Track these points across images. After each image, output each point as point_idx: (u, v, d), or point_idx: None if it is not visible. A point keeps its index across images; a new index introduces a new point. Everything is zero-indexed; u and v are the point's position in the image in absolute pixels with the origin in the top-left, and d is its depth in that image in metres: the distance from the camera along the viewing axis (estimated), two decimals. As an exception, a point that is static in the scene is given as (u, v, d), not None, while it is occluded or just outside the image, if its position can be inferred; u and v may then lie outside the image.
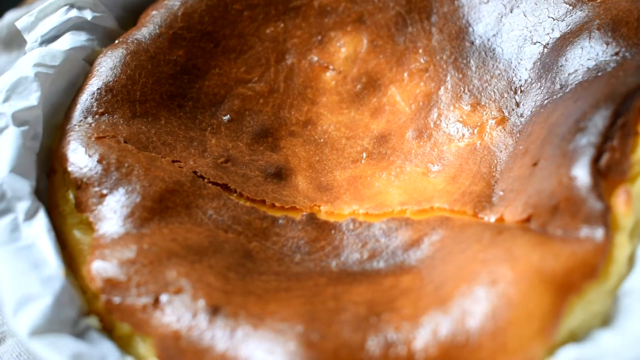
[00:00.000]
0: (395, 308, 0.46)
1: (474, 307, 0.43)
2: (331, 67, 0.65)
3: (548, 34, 0.58)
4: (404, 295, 0.47)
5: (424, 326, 0.44)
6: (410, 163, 0.58)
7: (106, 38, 0.66)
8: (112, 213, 0.52)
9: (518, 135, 0.56)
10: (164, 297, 0.47)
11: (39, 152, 0.57)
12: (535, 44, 0.59)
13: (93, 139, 0.56)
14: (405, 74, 0.63)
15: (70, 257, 0.54)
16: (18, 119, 0.56)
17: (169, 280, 0.48)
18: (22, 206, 0.52)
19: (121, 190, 0.53)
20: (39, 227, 0.51)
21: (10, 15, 0.87)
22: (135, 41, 0.62)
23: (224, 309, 0.46)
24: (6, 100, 0.56)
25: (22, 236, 0.51)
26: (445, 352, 0.43)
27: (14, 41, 0.86)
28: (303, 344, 0.43)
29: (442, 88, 0.61)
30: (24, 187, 0.53)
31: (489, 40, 0.62)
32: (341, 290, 0.48)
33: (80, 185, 0.54)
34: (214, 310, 0.46)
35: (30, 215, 0.52)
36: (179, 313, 0.46)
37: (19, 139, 0.55)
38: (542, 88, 0.57)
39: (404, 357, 0.43)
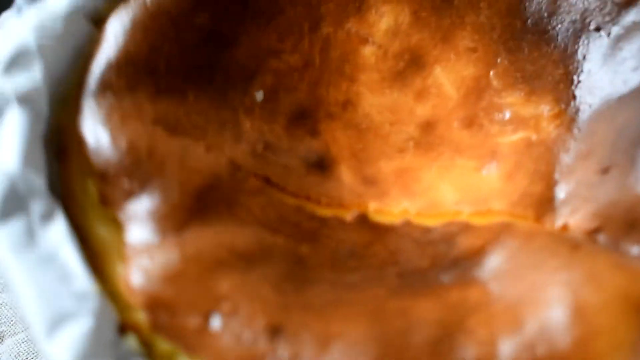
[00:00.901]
0: (468, 330, 0.43)
1: (559, 335, 0.41)
2: (370, 39, 0.59)
3: (611, 20, 0.55)
4: (474, 314, 0.44)
5: (504, 352, 0.42)
6: (460, 156, 0.55)
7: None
8: (146, 213, 0.46)
9: (577, 132, 0.54)
10: (217, 316, 0.43)
11: (46, 132, 0.50)
12: (595, 30, 0.55)
13: (116, 119, 0.49)
14: (452, 54, 0.58)
15: (92, 254, 0.48)
16: (21, 98, 0.49)
17: (221, 294, 0.43)
18: (37, 205, 0.46)
19: (154, 186, 0.47)
20: (59, 232, 0.45)
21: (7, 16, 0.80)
22: (154, 1, 0.54)
23: (285, 328, 0.43)
24: (6, 75, 0.49)
25: (41, 242, 0.45)
26: (530, 382, 0.41)
27: None
28: (380, 374, 0.41)
29: (492, 72, 0.57)
30: (37, 181, 0.47)
31: (542, 20, 0.58)
32: (406, 305, 0.45)
33: (105, 177, 0.48)
34: (275, 331, 0.43)
35: (47, 216, 0.46)
36: (236, 334, 0.42)
37: (25, 123, 0.48)
38: (603, 81, 0.54)
39: (485, 386, 0.41)
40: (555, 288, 0.43)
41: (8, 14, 0.69)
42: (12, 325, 0.65)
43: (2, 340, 0.64)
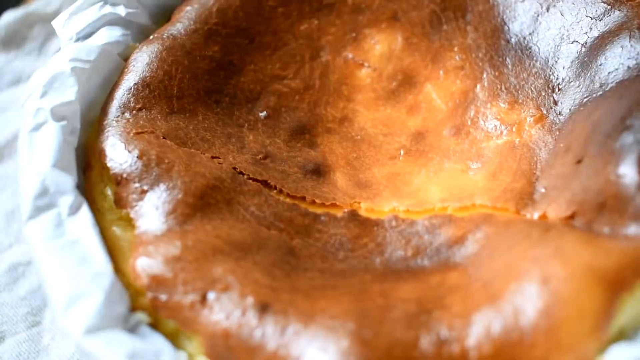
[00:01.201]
0: (445, 305, 0.46)
1: (527, 305, 0.44)
2: (366, 64, 0.66)
3: (586, 32, 0.59)
4: (452, 293, 0.47)
5: (476, 324, 0.44)
6: (448, 160, 0.59)
7: (140, 34, 0.66)
8: (153, 209, 0.52)
9: (557, 133, 0.57)
10: (211, 295, 0.48)
11: (76, 147, 0.58)
12: (573, 42, 0.60)
13: (132, 134, 0.56)
14: (441, 72, 0.64)
15: (109, 251, 0.54)
16: (57, 114, 0.56)
17: (216, 277, 0.48)
18: (66, 201, 0.52)
19: (162, 186, 0.53)
20: (84, 222, 0.51)
21: (8, 16, 0.89)
22: (171, 36, 0.62)
23: (273, 305, 0.47)
24: (44, 95, 0.57)
25: (67, 231, 0.51)
26: (499, 349, 0.43)
27: (13, 41, 0.88)
28: (356, 342, 0.44)
29: (478, 86, 0.62)
30: (66, 181, 0.53)
31: (524, 38, 0.63)
32: (388, 287, 0.49)
33: (120, 181, 0.54)
34: (263, 308, 0.47)
35: (74, 210, 0.52)
36: (227, 310, 0.47)
37: (59, 134, 0.56)
38: (580, 86, 0.58)
39: (457, 354, 0.43)
40: (525, 263, 0.46)
41: (11, 13, 0.77)
42: (14, 324, 0.66)
43: (4, 339, 0.65)
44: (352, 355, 0.43)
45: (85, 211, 0.52)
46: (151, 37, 0.64)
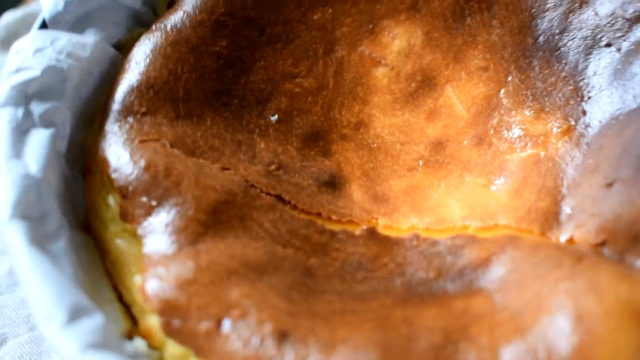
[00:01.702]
0: (470, 336, 0.46)
1: (560, 341, 0.43)
2: (383, 61, 0.63)
3: (622, 36, 0.58)
4: (477, 322, 0.47)
5: (505, 358, 0.44)
6: (469, 173, 0.58)
7: (132, 18, 0.64)
8: (162, 227, 0.51)
9: (585, 147, 0.56)
10: (227, 321, 0.47)
11: (66, 152, 0.56)
12: (606, 46, 0.58)
13: (137, 142, 0.54)
14: (463, 73, 0.62)
15: (112, 266, 0.53)
16: (45, 120, 0.54)
17: (231, 301, 0.47)
18: (50, 218, 0.51)
19: (171, 202, 0.52)
20: (61, 247, 0.50)
21: (7, 16, 0.89)
22: (175, 29, 0.60)
23: (293, 333, 0.46)
24: (33, 96, 0.54)
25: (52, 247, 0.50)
26: (530, 387, 0.43)
27: (12, 41, 0.86)
28: (382, 377, 0.44)
29: (502, 90, 0.60)
30: (51, 200, 0.52)
31: (554, 37, 0.61)
32: (411, 313, 0.48)
33: (126, 194, 0.52)
34: (282, 335, 0.46)
35: (56, 229, 0.51)
36: (244, 338, 0.46)
37: (48, 142, 0.53)
38: (613, 96, 0.56)
39: (485, 391, 0.43)
40: (558, 297, 0.46)
41: (10, 14, 0.76)
42: (15, 327, 0.66)
43: (6, 342, 0.65)
44: (377, 391, 0.43)
45: (65, 235, 0.51)
46: (153, 27, 0.61)
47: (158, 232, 0.51)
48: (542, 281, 0.47)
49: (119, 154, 0.54)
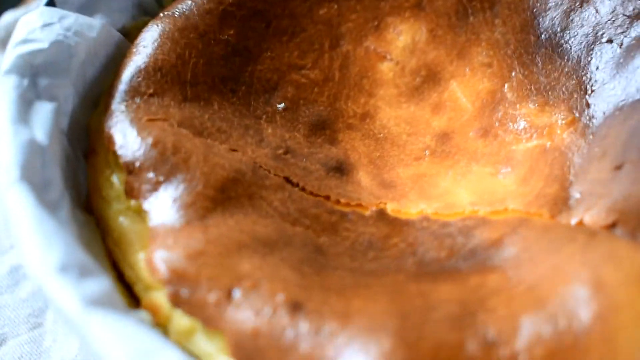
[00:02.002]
0: (488, 308, 0.45)
1: (580, 309, 0.43)
2: (388, 56, 0.64)
3: (622, 32, 0.59)
4: (494, 295, 0.46)
5: (525, 327, 0.43)
6: (476, 163, 0.58)
7: (138, 9, 0.64)
8: (170, 201, 0.50)
9: (591, 137, 0.57)
10: (237, 292, 0.45)
11: (67, 130, 0.55)
12: (608, 42, 0.60)
13: (144, 120, 0.54)
14: (467, 69, 0.63)
15: (115, 245, 0.52)
16: (49, 93, 0.54)
17: (242, 273, 0.46)
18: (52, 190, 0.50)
19: (179, 177, 0.51)
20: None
21: (8, 16, 0.89)
22: (183, 15, 0.60)
23: (306, 305, 0.45)
24: (39, 68, 0.54)
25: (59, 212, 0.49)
26: (552, 354, 0.42)
27: None
28: (400, 343, 0.42)
29: (506, 85, 0.62)
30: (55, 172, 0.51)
31: (556, 35, 0.62)
32: (425, 287, 0.47)
33: (132, 170, 0.52)
34: (295, 306, 0.45)
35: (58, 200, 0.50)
36: (256, 308, 0.45)
37: (50, 114, 0.53)
38: (616, 89, 0.58)
39: (506, 358, 0.42)
40: (575, 267, 0.45)
41: (11, 14, 0.76)
42: (15, 326, 0.66)
43: (5, 341, 0.64)
44: (396, 357, 0.42)
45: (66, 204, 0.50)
46: (161, 14, 0.61)
47: (165, 206, 0.50)
48: (556, 255, 0.47)
49: (126, 131, 0.53)
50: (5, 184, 0.47)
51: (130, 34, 0.62)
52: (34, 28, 0.56)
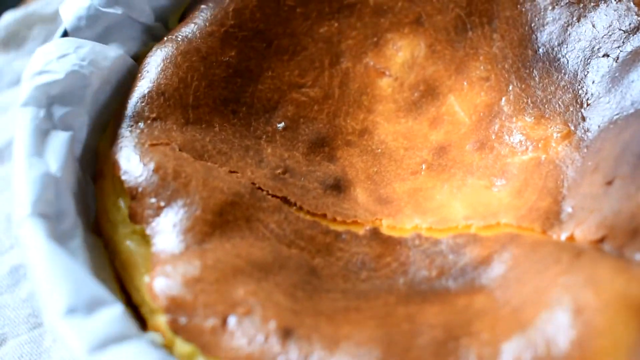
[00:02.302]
0: (472, 332, 0.47)
1: (559, 335, 0.45)
2: (387, 72, 0.66)
3: (618, 46, 0.60)
4: (479, 318, 0.48)
5: (506, 353, 0.45)
6: (472, 176, 0.60)
7: (145, 34, 0.67)
8: (170, 226, 0.53)
9: (585, 150, 0.58)
10: (232, 318, 0.48)
11: (80, 155, 0.58)
12: (604, 56, 0.60)
13: (147, 146, 0.56)
14: (465, 83, 0.64)
15: (122, 267, 0.55)
16: (64, 123, 0.57)
17: (237, 299, 0.49)
18: (66, 219, 0.53)
19: (179, 202, 0.54)
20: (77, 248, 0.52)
21: (7, 16, 0.91)
22: (186, 39, 0.62)
23: (297, 331, 0.48)
24: (53, 99, 0.57)
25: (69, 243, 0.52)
26: (531, 380, 0.44)
27: (12, 42, 0.90)
28: (384, 371, 0.45)
29: (503, 99, 0.63)
30: (69, 202, 0.54)
31: (553, 49, 0.63)
32: (413, 310, 0.49)
33: (135, 195, 0.54)
34: (286, 333, 0.47)
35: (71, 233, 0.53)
36: (249, 335, 0.47)
37: (66, 144, 0.56)
38: (611, 103, 0.58)
39: (486, 385, 0.45)
40: (557, 291, 0.47)
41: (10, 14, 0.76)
42: (15, 326, 0.67)
43: (5, 341, 0.66)
44: (379, 385, 0.44)
45: (79, 235, 0.52)
46: (165, 38, 0.64)
47: (166, 231, 0.52)
48: (541, 276, 0.48)
49: (130, 157, 0.56)
50: (19, 218, 0.50)
51: (140, 59, 0.65)
52: (51, 60, 0.59)
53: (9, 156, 0.80)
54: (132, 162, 0.55)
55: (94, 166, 0.60)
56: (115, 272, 0.55)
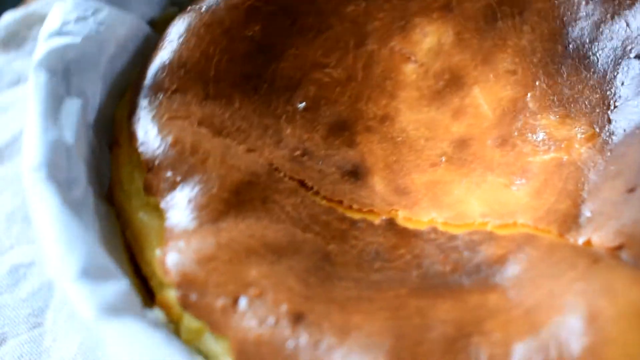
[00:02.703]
0: (484, 331, 0.47)
1: (571, 340, 0.45)
2: (413, 57, 0.65)
3: (651, 49, 0.59)
4: (492, 317, 0.48)
5: (517, 354, 0.45)
6: (492, 172, 0.59)
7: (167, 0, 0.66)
8: (185, 202, 0.52)
9: (609, 154, 0.57)
10: (243, 299, 0.48)
11: (94, 122, 0.58)
12: (636, 57, 0.59)
13: (165, 118, 0.56)
14: (491, 75, 0.63)
15: (134, 239, 0.55)
16: (78, 89, 0.56)
17: (249, 280, 0.49)
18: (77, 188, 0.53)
19: (196, 179, 0.53)
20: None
21: (7, 16, 0.90)
22: (209, 10, 0.62)
23: (308, 317, 0.47)
24: (68, 64, 0.56)
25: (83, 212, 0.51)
26: (540, 384, 0.44)
27: (12, 41, 0.89)
28: (393, 363, 0.45)
29: (529, 94, 0.62)
30: (79, 168, 0.54)
31: (584, 46, 0.62)
32: (425, 304, 0.49)
33: (151, 167, 0.54)
34: (297, 317, 0.47)
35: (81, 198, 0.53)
36: (260, 317, 0.47)
37: (79, 111, 0.55)
38: (638, 107, 0.57)
39: (495, 385, 0.45)
40: (572, 297, 0.47)
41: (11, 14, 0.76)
42: (15, 326, 0.66)
43: (5, 341, 0.65)
44: (388, 378, 0.44)
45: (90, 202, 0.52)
46: (188, 8, 0.63)
47: (181, 207, 0.52)
48: (556, 280, 0.48)
49: (147, 129, 0.55)
50: (31, 182, 0.50)
51: (158, 26, 0.64)
52: (69, 20, 0.58)
53: (9, 156, 0.80)
54: (150, 134, 0.55)
55: (109, 133, 0.60)
56: (126, 242, 0.55)
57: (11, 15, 0.90)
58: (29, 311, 0.67)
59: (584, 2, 0.63)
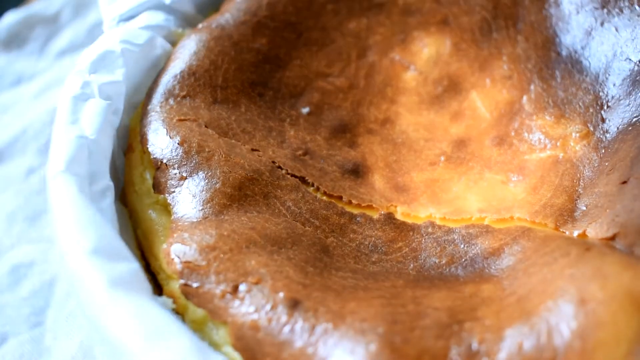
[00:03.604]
0: (477, 317, 0.46)
1: (562, 324, 0.44)
2: (412, 67, 0.66)
3: (641, 51, 0.60)
4: (485, 305, 0.48)
5: (508, 339, 0.45)
6: (489, 170, 0.59)
7: (183, 21, 0.68)
8: (191, 197, 0.53)
9: (603, 151, 0.57)
10: (243, 286, 0.48)
11: (117, 128, 0.59)
12: (625, 60, 0.60)
13: (174, 121, 0.57)
14: (488, 80, 0.64)
15: (144, 235, 0.55)
16: (104, 92, 0.57)
17: (248, 269, 0.49)
18: (99, 181, 0.54)
19: (201, 175, 0.54)
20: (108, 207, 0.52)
21: (9, 17, 0.91)
22: (219, 26, 0.63)
23: (304, 303, 0.48)
24: (93, 71, 0.58)
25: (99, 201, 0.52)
26: (531, 367, 0.44)
27: (13, 42, 0.91)
28: (385, 347, 0.44)
29: (525, 97, 0.62)
30: (103, 163, 0.55)
31: (576, 52, 0.63)
32: (420, 294, 0.49)
33: (159, 166, 0.55)
34: (294, 304, 0.48)
35: (102, 192, 0.53)
36: (258, 304, 0.47)
37: (104, 111, 0.56)
38: (631, 105, 0.58)
39: (487, 368, 0.44)
40: (563, 282, 0.46)
41: (12, 14, 0.78)
42: (16, 325, 0.65)
43: (6, 340, 0.65)
44: (380, 360, 0.44)
45: (110, 196, 0.53)
46: (199, 25, 0.65)
47: (186, 201, 0.52)
48: (550, 268, 0.48)
49: (157, 130, 0.56)
50: (51, 174, 0.51)
51: (175, 42, 0.66)
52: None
53: (10, 156, 0.80)
54: (160, 135, 0.56)
55: (125, 141, 0.61)
56: (137, 240, 0.56)
57: (12, 16, 0.90)
58: (29, 310, 0.67)
59: (574, 12, 0.64)
